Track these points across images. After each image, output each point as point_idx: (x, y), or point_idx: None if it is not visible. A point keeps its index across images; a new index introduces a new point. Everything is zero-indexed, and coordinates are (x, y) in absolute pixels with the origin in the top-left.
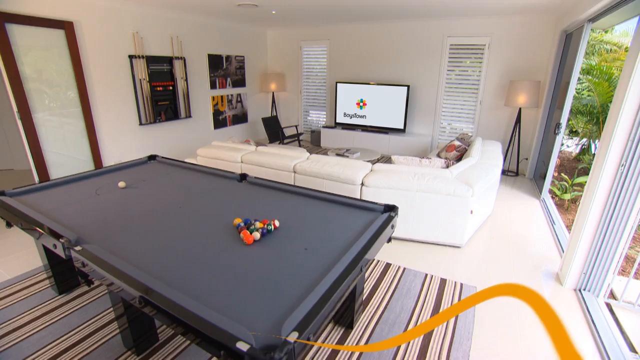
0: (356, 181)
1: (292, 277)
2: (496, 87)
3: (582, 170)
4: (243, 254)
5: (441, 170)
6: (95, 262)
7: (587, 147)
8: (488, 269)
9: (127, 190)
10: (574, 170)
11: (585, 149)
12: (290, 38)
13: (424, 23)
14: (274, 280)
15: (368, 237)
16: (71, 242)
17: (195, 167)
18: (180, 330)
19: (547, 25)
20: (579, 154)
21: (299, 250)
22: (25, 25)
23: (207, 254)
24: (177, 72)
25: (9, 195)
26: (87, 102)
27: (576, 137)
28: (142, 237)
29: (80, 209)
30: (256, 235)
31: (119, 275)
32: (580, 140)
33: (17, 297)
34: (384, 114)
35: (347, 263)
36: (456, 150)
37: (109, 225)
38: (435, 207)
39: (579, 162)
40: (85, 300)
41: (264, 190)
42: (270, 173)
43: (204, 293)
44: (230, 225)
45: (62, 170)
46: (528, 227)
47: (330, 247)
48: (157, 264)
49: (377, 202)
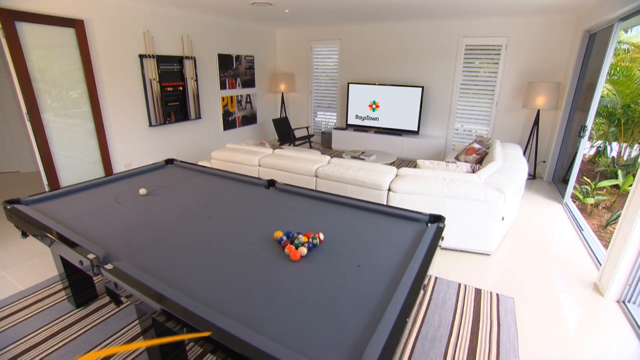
0: (383, 186)
1: (352, 300)
2: (513, 89)
3: (600, 174)
4: (291, 271)
5: (470, 175)
6: (131, 283)
7: (603, 149)
8: (522, 279)
9: (148, 197)
10: (589, 173)
11: (600, 151)
12: (301, 38)
13: (439, 23)
14: (331, 303)
15: (423, 252)
16: (99, 259)
17: (217, 172)
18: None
19: (567, 25)
20: (594, 156)
21: (351, 268)
22: (35, 23)
23: (251, 273)
24: (187, 72)
25: (25, 204)
26: (97, 102)
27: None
28: (174, 252)
29: (102, 219)
30: (303, 251)
31: (160, 300)
32: (594, 142)
33: (31, 311)
34: (397, 115)
35: (410, 283)
36: (476, 154)
37: (136, 238)
38: (465, 213)
39: (594, 164)
40: (105, 314)
41: (295, 197)
42: (290, 177)
43: (257, 319)
44: (269, 238)
45: (70, 172)
46: (554, 233)
47: (384, 264)
48: (198, 284)
49: (422, 212)
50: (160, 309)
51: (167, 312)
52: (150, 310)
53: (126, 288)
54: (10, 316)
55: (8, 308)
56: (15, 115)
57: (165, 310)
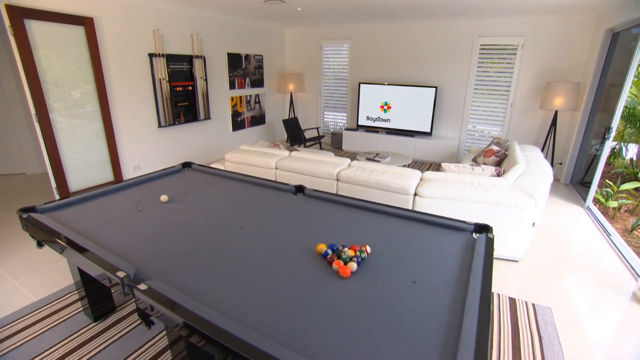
0: (409, 191)
1: (417, 323)
2: (529, 89)
3: (617, 175)
4: (342, 290)
5: (497, 179)
6: (170, 306)
7: (619, 150)
8: (555, 287)
9: (170, 205)
10: (604, 174)
11: (616, 152)
12: (310, 37)
13: (454, 22)
14: (393, 327)
15: (480, 266)
16: (130, 277)
17: (238, 177)
18: None
19: (586, 23)
20: (609, 157)
21: (407, 284)
22: (44, 21)
23: (299, 293)
24: (197, 72)
25: (40, 212)
26: (106, 103)
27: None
28: (209, 268)
29: (124, 229)
30: (353, 266)
31: (204, 326)
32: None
33: (46, 324)
34: (410, 116)
35: (478, 304)
36: (495, 156)
37: (164, 251)
38: (494, 219)
39: (609, 165)
40: (125, 328)
41: (327, 205)
42: (310, 181)
43: (317, 350)
44: (311, 251)
45: (78, 174)
46: (581, 238)
47: (440, 279)
48: (242, 306)
49: (465, 221)
50: (204, 336)
51: (212, 340)
52: (187, 335)
53: (165, 312)
54: (25, 330)
55: (22, 321)
56: (21, 117)
57: (211, 338)
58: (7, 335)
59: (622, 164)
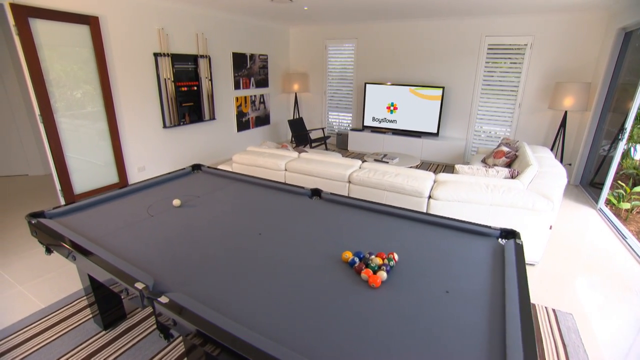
0: (424, 193)
1: (458, 336)
2: (537, 89)
3: (625, 176)
4: (373, 301)
5: (513, 182)
6: (195, 322)
7: (627, 151)
8: (574, 291)
9: (183, 209)
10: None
11: (625, 153)
12: (315, 36)
13: (461, 21)
14: (438, 341)
15: (514, 274)
16: (149, 288)
17: (251, 180)
18: None
19: (597, 22)
20: None
21: (440, 294)
22: (49, 20)
23: (332, 306)
24: (202, 72)
25: (49, 217)
26: (111, 103)
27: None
28: (231, 278)
29: (138, 236)
30: (383, 275)
31: (234, 344)
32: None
33: (55, 332)
34: (416, 116)
35: (519, 315)
36: (505, 157)
37: (181, 260)
38: (510, 222)
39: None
40: (137, 336)
41: (345, 209)
42: (320, 183)
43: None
44: (335, 258)
45: (82, 176)
46: (596, 240)
47: (474, 289)
48: (268, 320)
49: (490, 226)
50: (235, 354)
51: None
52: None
53: (189, 327)
54: (33, 338)
55: (30, 329)
56: (24, 117)
57: (244, 357)
58: (15, 345)
59: (632, 164)
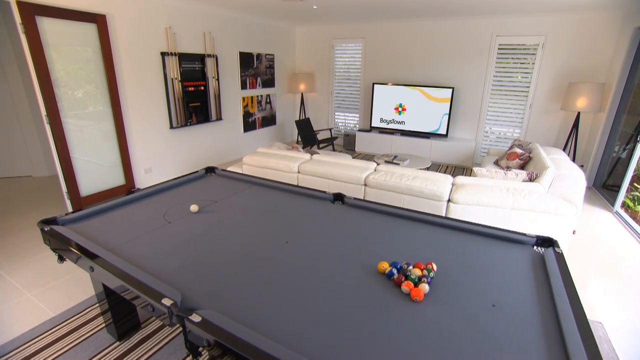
0: (443, 197)
1: (514, 354)
2: (549, 90)
3: (637, 178)
4: (417, 316)
5: (534, 185)
6: (231, 342)
7: None
8: (600, 299)
9: (202, 215)
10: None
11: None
12: (322, 36)
13: (471, 21)
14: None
15: (561, 286)
16: (177, 304)
17: (268, 183)
18: None
19: (611, 22)
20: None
21: (486, 308)
22: (56, 18)
23: (375, 323)
24: (209, 71)
25: (62, 224)
26: (118, 103)
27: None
28: (262, 292)
29: (157, 245)
30: (425, 288)
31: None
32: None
33: (67, 343)
34: (425, 117)
35: (577, 331)
36: (519, 159)
37: (206, 272)
38: (532, 226)
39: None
40: (153, 347)
41: (370, 215)
42: (334, 185)
43: None
44: (370, 269)
45: (89, 177)
46: (616, 245)
47: (521, 302)
48: (310, 339)
49: (526, 233)
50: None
51: None
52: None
53: (225, 346)
54: (45, 349)
55: (41, 339)
56: (29, 118)
57: None
58: (27, 356)
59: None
